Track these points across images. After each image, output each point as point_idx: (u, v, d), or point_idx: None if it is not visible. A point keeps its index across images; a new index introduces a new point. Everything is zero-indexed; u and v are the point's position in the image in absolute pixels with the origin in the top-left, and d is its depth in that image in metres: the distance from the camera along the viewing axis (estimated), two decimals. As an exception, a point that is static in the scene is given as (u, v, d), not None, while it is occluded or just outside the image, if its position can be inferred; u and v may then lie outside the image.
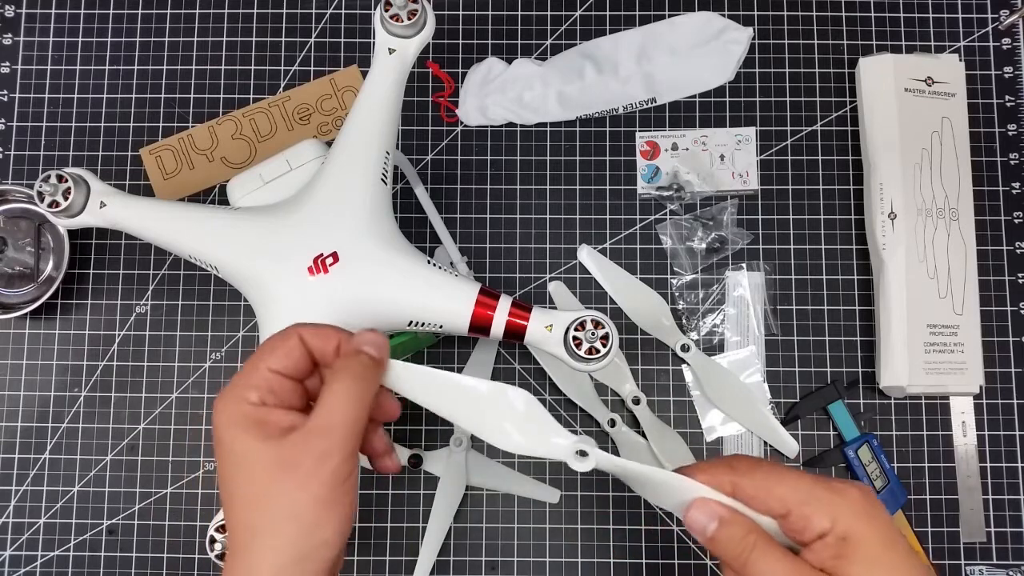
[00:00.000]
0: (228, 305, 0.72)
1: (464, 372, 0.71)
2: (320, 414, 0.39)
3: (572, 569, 0.69)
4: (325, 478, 0.38)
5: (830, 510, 0.39)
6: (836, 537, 0.39)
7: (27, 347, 0.72)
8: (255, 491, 0.39)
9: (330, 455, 0.38)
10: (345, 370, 0.41)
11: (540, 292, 0.72)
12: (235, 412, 0.40)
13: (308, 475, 0.38)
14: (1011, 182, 0.73)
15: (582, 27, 0.76)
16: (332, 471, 0.38)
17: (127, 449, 0.71)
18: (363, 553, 0.69)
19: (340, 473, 0.39)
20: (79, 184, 0.59)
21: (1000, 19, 0.75)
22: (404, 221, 0.73)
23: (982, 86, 0.74)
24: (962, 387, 0.68)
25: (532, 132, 0.74)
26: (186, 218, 0.59)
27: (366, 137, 0.58)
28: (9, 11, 0.77)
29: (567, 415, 0.70)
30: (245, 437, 0.39)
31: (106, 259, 0.73)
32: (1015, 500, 0.69)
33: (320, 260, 0.55)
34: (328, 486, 0.38)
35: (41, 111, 0.75)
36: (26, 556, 0.70)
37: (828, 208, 0.73)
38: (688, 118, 0.74)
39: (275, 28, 0.76)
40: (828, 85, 0.75)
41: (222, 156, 0.74)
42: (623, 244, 0.73)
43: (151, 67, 0.76)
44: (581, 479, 0.69)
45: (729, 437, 0.70)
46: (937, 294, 0.69)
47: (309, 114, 0.75)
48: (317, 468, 0.38)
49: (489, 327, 0.55)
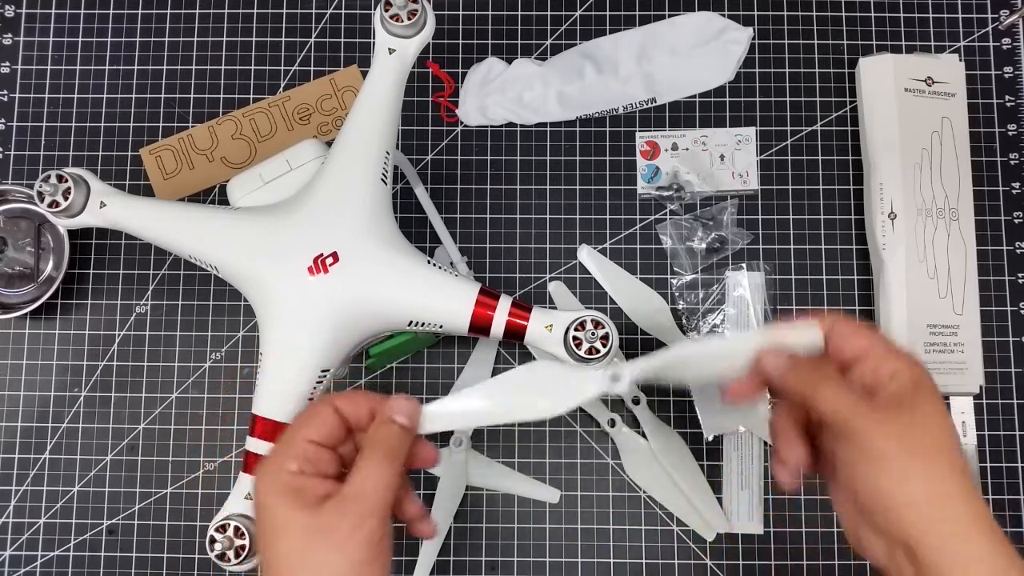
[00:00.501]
0: (228, 305, 0.72)
1: (464, 372, 0.71)
2: (354, 482, 0.43)
3: (572, 569, 0.69)
4: (361, 541, 0.41)
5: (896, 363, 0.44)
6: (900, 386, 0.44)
7: (27, 347, 0.72)
8: (295, 556, 0.42)
9: (365, 520, 0.42)
10: (376, 439, 0.44)
11: (540, 292, 0.72)
12: (275, 482, 0.43)
13: (345, 540, 0.41)
14: (1011, 182, 0.73)
15: (582, 27, 0.76)
16: (367, 535, 0.42)
17: (127, 449, 0.71)
18: (363, 553, 0.69)
19: (375, 536, 0.42)
20: (79, 184, 0.59)
21: (1000, 19, 0.75)
22: (404, 221, 0.73)
23: (982, 86, 0.74)
24: (962, 387, 0.68)
25: (532, 132, 0.74)
26: (186, 218, 0.59)
27: (366, 137, 0.58)
28: (9, 11, 0.77)
29: (567, 415, 0.70)
30: (284, 505, 0.42)
31: (106, 259, 0.73)
32: (1015, 500, 0.69)
33: (320, 260, 0.55)
34: (364, 548, 0.42)
35: (41, 111, 0.75)
36: (26, 556, 0.70)
37: (828, 208, 0.73)
38: (688, 118, 0.74)
39: (275, 28, 0.76)
40: (828, 85, 0.75)
41: (222, 156, 0.74)
42: (623, 244, 0.73)
43: (151, 67, 0.76)
44: (581, 479, 0.69)
45: (729, 437, 0.70)
46: (937, 294, 0.69)
47: (309, 114, 0.75)
48: (353, 533, 0.41)
49: (489, 327, 0.55)
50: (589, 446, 0.70)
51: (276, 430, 0.54)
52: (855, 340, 0.46)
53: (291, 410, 0.55)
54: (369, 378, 0.71)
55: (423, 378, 0.71)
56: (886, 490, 0.42)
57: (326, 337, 0.55)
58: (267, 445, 0.54)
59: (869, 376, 0.45)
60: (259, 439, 0.55)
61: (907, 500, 0.42)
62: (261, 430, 0.55)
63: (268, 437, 0.54)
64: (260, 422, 0.55)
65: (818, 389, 0.44)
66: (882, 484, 0.43)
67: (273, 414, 0.55)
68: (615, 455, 0.70)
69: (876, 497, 0.43)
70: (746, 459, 0.69)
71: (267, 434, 0.54)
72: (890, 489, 0.42)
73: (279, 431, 0.54)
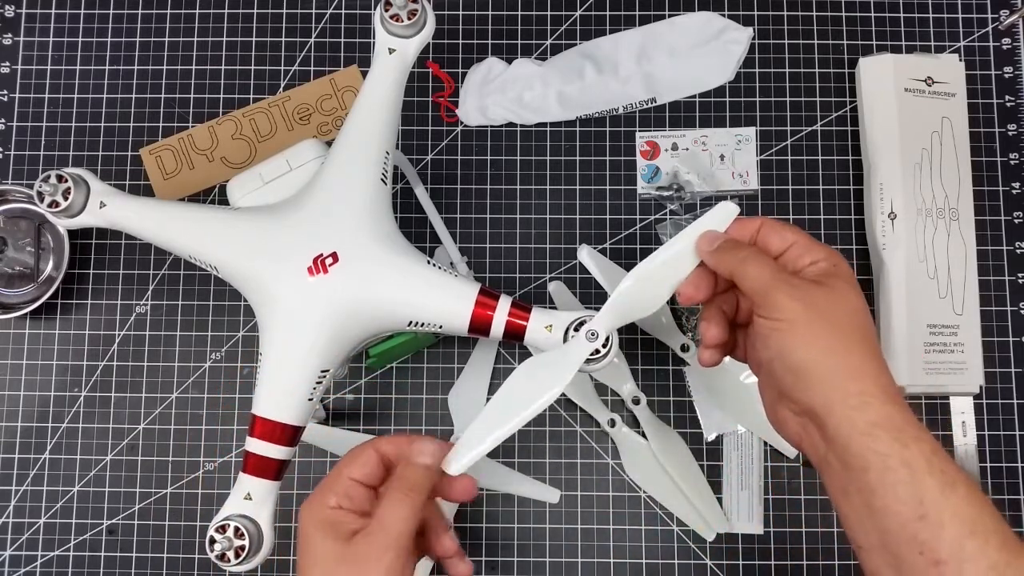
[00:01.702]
0: (228, 305, 0.72)
1: (464, 372, 0.71)
2: (378, 516, 0.47)
3: (572, 569, 0.69)
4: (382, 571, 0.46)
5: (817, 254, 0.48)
6: (819, 269, 0.48)
7: (27, 347, 0.72)
8: None
9: (387, 551, 0.46)
10: (401, 477, 0.49)
11: (540, 292, 0.72)
12: (316, 515, 0.48)
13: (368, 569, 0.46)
14: (1011, 182, 0.73)
15: (582, 27, 0.76)
16: (389, 564, 0.46)
17: (127, 449, 0.71)
18: (363, 553, 0.69)
19: (395, 566, 0.46)
20: (79, 184, 0.59)
21: (1000, 19, 0.75)
22: (404, 221, 0.73)
23: (982, 86, 0.74)
24: (962, 387, 0.68)
25: (532, 132, 0.74)
26: (186, 218, 0.59)
27: (366, 137, 0.58)
28: (9, 11, 0.77)
29: (567, 415, 0.70)
30: (321, 536, 0.47)
31: (106, 259, 0.73)
32: (1015, 500, 0.69)
33: (320, 260, 0.55)
34: None
35: (41, 111, 0.75)
36: (26, 556, 0.70)
37: (828, 208, 0.73)
38: (688, 118, 0.74)
39: (275, 28, 0.76)
40: (828, 85, 0.75)
41: (222, 156, 0.74)
42: (623, 244, 0.73)
43: (151, 67, 0.76)
44: (581, 479, 0.69)
45: (729, 437, 0.70)
46: (937, 294, 0.69)
47: (309, 114, 0.75)
48: (377, 562, 0.46)
49: (489, 327, 0.55)
50: (589, 446, 0.70)
51: (275, 430, 0.54)
52: (783, 233, 0.49)
53: (291, 410, 0.55)
54: (369, 378, 0.71)
55: (423, 378, 0.71)
56: (795, 354, 0.45)
57: (326, 337, 0.55)
58: (267, 445, 0.54)
59: (792, 264, 0.49)
60: (259, 439, 0.54)
61: (813, 364, 0.45)
62: (261, 430, 0.54)
63: (267, 437, 0.54)
64: (259, 422, 0.55)
65: (745, 263, 0.48)
66: (792, 348, 0.45)
67: (272, 414, 0.54)
68: (615, 455, 0.70)
69: (786, 363, 0.46)
70: (746, 459, 0.69)
71: (266, 434, 0.54)
72: (798, 353, 0.45)
73: (278, 431, 0.54)
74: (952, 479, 0.43)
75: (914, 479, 0.42)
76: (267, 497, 0.55)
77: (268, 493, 0.55)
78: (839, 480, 0.45)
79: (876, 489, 0.43)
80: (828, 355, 0.45)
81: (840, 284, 0.47)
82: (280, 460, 0.55)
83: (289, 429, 0.55)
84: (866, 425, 0.43)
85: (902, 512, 0.42)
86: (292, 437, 0.55)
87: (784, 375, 0.46)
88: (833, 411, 0.44)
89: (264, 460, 0.54)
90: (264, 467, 0.54)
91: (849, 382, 0.44)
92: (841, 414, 0.44)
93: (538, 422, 0.70)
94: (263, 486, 0.55)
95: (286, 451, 0.55)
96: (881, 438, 0.43)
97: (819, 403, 0.44)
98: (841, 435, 0.44)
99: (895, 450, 0.43)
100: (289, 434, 0.55)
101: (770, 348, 0.46)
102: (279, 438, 0.55)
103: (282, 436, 0.55)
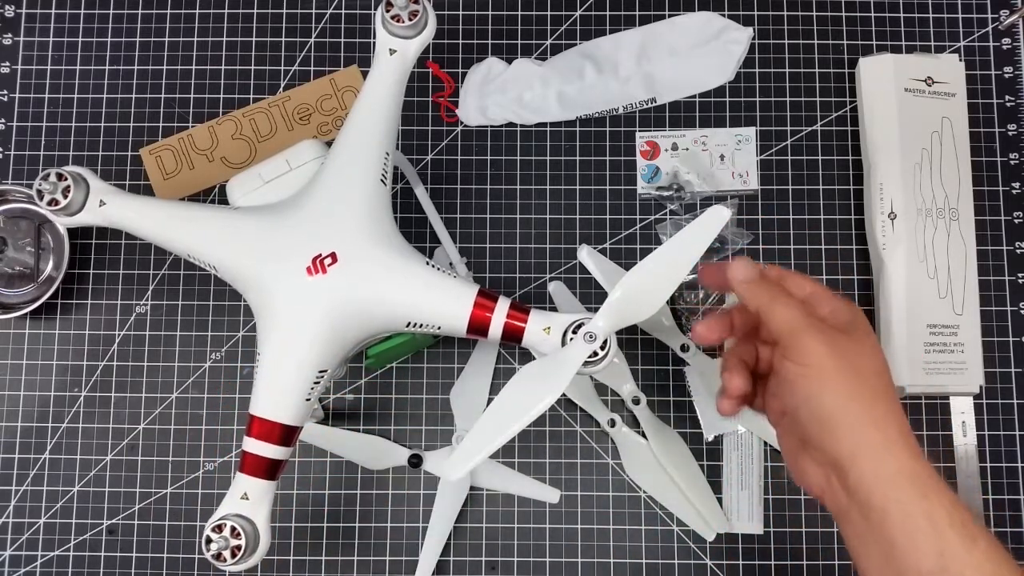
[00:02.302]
0: (228, 305, 0.72)
1: (464, 373, 0.71)
2: None
3: (572, 569, 0.69)
4: None
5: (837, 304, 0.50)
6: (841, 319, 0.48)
7: (27, 347, 0.72)
8: None
9: None
10: None
11: (540, 292, 0.72)
12: None
13: None
14: (1011, 182, 0.73)
15: (582, 27, 0.76)
16: None
17: (127, 449, 0.71)
18: (363, 553, 0.69)
19: None
20: (78, 182, 0.59)
21: (1000, 19, 0.75)
22: (404, 221, 0.73)
23: (982, 86, 0.74)
24: (962, 387, 0.68)
25: (532, 132, 0.74)
26: (185, 217, 0.59)
27: (366, 137, 0.58)
28: (9, 11, 0.77)
29: (567, 415, 0.70)
30: None
31: (106, 259, 0.73)
32: (1015, 500, 0.69)
33: (319, 260, 0.55)
34: None
35: (41, 111, 0.75)
36: (26, 556, 0.70)
37: (828, 208, 0.73)
38: (688, 118, 0.74)
39: (275, 28, 0.76)
40: (828, 85, 0.75)
41: (222, 156, 0.74)
42: (623, 244, 0.73)
43: (151, 67, 0.76)
44: (581, 479, 0.69)
45: (729, 437, 0.70)
46: (937, 294, 0.69)
47: (309, 114, 0.75)
48: None
49: (487, 329, 0.55)
50: (589, 446, 0.70)
51: (273, 430, 0.54)
52: (801, 282, 0.50)
53: (288, 410, 0.55)
54: (368, 378, 0.71)
55: (423, 378, 0.71)
56: (822, 400, 0.45)
57: (324, 338, 0.55)
58: (264, 445, 0.54)
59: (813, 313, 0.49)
60: (256, 439, 0.54)
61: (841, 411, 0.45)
62: (258, 430, 0.54)
63: (265, 437, 0.54)
64: (257, 422, 0.55)
65: (776, 301, 0.48)
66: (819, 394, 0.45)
67: (270, 414, 0.54)
68: (615, 455, 0.70)
69: (812, 410, 0.46)
70: (746, 459, 0.69)
71: (264, 434, 0.54)
72: (826, 399, 0.45)
73: (276, 431, 0.54)
74: (973, 533, 0.43)
75: (935, 531, 0.42)
76: (264, 497, 0.55)
77: (265, 493, 0.55)
78: (858, 530, 0.45)
79: (896, 540, 0.43)
80: (855, 403, 0.45)
81: (862, 335, 0.48)
82: (277, 460, 0.55)
83: (286, 429, 0.55)
84: (889, 475, 0.43)
85: (922, 564, 0.42)
86: (289, 437, 0.55)
87: (810, 422, 0.46)
88: (857, 460, 0.44)
89: (261, 460, 0.54)
90: (261, 467, 0.55)
91: (874, 431, 0.44)
92: (865, 463, 0.44)
93: (538, 422, 0.69)
94: (260, 486, 0.55)
95: (283, 451, 0.55)
96: (904, 488, 0.43)
97: (845, 451, 0.45)
98: (864, 484, 0.44)
99: (916, 501, 0.43)
100: (286, 434, 0.55)
101: (796, 394, 0.47)
102: (276, 438, 0.55)
103: (279, 436, 0.55)
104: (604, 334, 0.53)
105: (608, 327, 0.53)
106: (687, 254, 0.53)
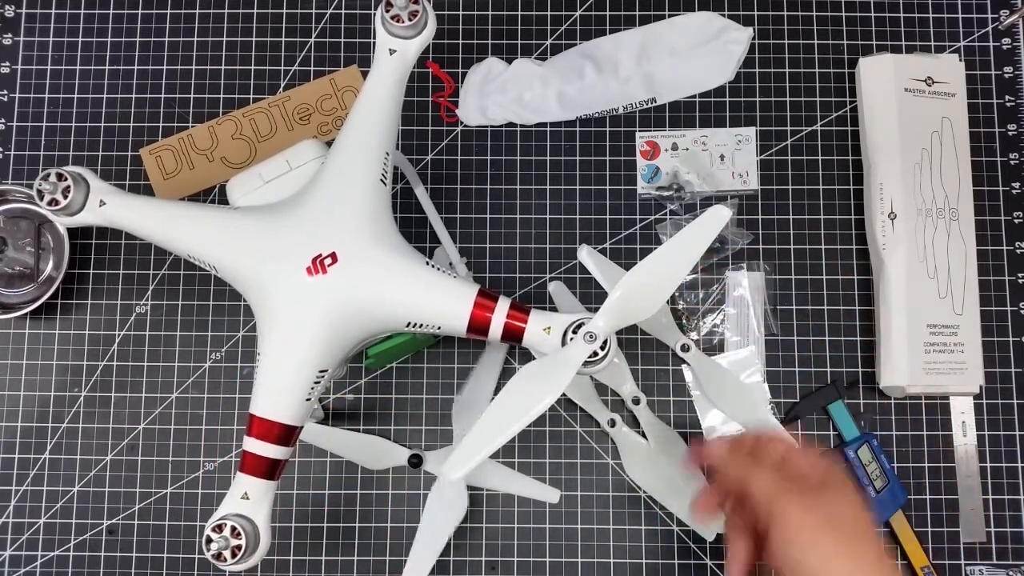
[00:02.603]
0: (228, 305, 0.72)
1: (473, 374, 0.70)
2: None
3: (572, 569, 0.69)
4: None
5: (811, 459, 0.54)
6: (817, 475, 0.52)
7: (27, 347, 0.72)
8: None
9: None
10: None
11: (540, 292, 0.72)
12: None
13: None
14: (1011, 182, 0.73)
15: (582, 27, 0.76)
16: None
17: (127, 449, 0.71)
18: (363, 553, 0.69)
19: None
20: (78, 182, 0.59)
21: (1000, 19, 0.75)
22: (404, 221, 0.73)
23: (982, 86, 0.74)
24: (962, 387, 0.68)
25: (532, 132, 0.74)
26: (185, 217, 0.59)
27: (366, 138, 0.58)
28: (9, 11, 0.77)
29: (567, 415, 0.70)
30: None
31: (106, 259, 0.73)
32: (1015, 500, 0.69)
33: (319, 260, 0.55)
34: None
35: (41, 111, 0.75)
36: (26, 556, 0.70)
37: (828, 208, 0.73)
38: (688, 118, 0.74)
39: (275, 28, 0.76)
40: (828, 85, 0.75)
41: (222, 156, 0.74)
42: (623, 244, 0.73)
43: (151, 67, 0.76)
44: (581, 479, 0.69)
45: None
46: (937, 294, 0.69)
47: (309, 114, 0.75)
48: None
49: (487, 328, 0.55)
50: (589, 446, 0.70)
51: (273, 430, 0.54)
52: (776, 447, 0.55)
53: (288, 410, 0.55)
54: (368, 378, 0.71)
55: (423, 378, 0.71)
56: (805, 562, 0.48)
57: (324, 338, 0.55)
58: (264, 445, 0.54)
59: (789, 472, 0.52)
60: (256, 439, 0.54)
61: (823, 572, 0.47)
62: (258, 430, 0.54)
63: (265, 437, 0.54)
64: (257, 422, 0.55)
65: (752, 473, 0.52)
66: (798, 554, 0.48)
67: (270, 414, 0.54)
68: (615, 455, 0.70)
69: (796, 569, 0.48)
70: (746, 459, 0.69)
71: (264, 434, 0.54)
72: (809, 560, 0.48)
73: (275, 431, 0.54)
74: None
75: None
76: (264, 497, 0.55)
77: (265, 493, 0.55)
78: None
79: None
80: (837, 560, 0.48)
81: (837, 485, 0.51)
82: (277, 460, 0.55)
83: (286, 429, 0.55)
84: None
85: None
86: (289, 437, 0.55)
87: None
88: None
89: (261, 460, 0.54)
90: (261, 467, 0.55)
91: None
92: None
93: (538, 422, 0.69)
94: (260, 486, 0.55)
95: (283, 451, 0.55)
96: None
97: None
98: None
99: None
100: (286, 434, 0.55)
101: (780, 555, 0.49)
102: (276, 438, 0.55)
103: (279, 436, 0.55)
104: (604, 334, 0.53)
105: (608, 327, 0.53)
106: (687, 254, 0.53)
